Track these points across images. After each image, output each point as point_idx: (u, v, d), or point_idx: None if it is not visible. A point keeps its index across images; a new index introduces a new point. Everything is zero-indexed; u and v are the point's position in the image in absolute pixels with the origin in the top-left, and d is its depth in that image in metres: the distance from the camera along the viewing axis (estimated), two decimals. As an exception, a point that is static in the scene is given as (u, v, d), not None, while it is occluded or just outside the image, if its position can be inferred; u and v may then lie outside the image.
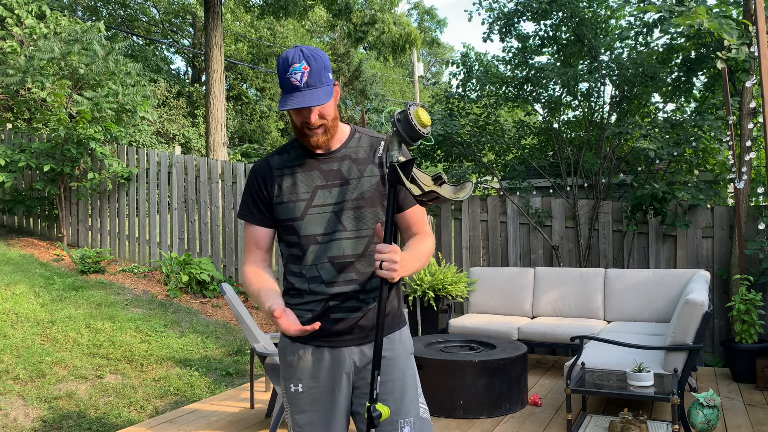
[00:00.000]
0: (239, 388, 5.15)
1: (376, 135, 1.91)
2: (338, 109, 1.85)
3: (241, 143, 24.76)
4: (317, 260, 1.83)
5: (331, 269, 1.83)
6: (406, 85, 34.31)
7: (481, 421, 4.21)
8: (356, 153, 1.86)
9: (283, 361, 1.95)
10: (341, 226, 1.82)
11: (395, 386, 1.88)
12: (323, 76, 1.72)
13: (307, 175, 1.84)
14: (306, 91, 1.70)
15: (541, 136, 7.77)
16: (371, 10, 16.98)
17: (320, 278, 1.83)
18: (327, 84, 1.73)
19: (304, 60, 1.70)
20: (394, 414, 1.86)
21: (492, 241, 6.72)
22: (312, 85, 1.71)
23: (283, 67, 1.72)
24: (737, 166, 5.57)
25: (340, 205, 1.82)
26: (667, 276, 5.43)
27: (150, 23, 24.65)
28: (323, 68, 1.72)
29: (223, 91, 12.50)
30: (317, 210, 1.82)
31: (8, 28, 9.43)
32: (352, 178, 1.83)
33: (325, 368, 1.88)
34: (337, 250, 1.83)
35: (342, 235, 1.83)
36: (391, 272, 1.62)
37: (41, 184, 8.57)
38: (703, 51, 6.31)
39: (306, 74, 1.70)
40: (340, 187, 1.83)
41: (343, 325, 1.85)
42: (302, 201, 1.83)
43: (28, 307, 6.18)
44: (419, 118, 1.63)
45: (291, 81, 1.70)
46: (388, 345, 1.91)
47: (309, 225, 1.83)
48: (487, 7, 7.50)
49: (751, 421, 4.11)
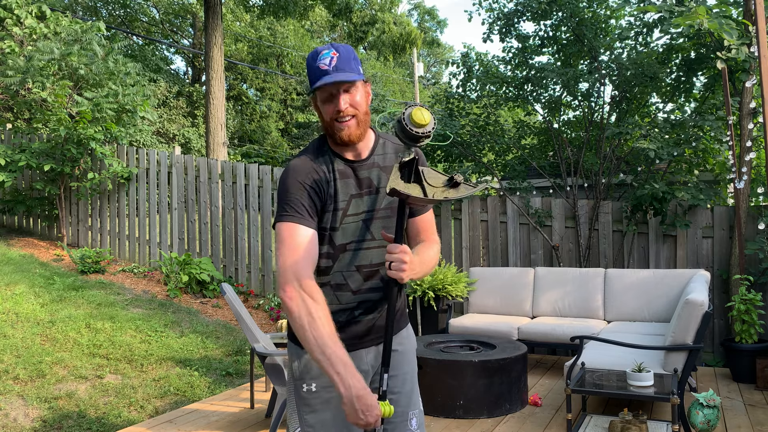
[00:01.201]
0: (239, 388, 5.15)
1: (398, 141, 1.90)
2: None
3: (241, 143, 24.77)
4: (345, 268, 1.82)
5: (359, 277, 1.83)
6: (406, 85, 34.30)
7: (481, 421, 4.21)
8: (383, 160, 1.84)
9: (294, 362, 1.91)
10: (370, 236, 1.82)
11: (406, 379, 1.94)
12: (352, 63, 1.71)
13: (344, 183, 1.79)
14: (336, 73, 1.69)
15: (541, 136, 7.77)
16: (371, 9, 16.99)
17: (347, 286, 1.82)
18: (356, 71, 1.72)
19: (332, 48, 1.71)
20: (405, 406, 1.92)
21: (492, 241, 6.72)
22: (341, 69, 1.69)
23: (312, 57, 1.71)
24: (737, 166, 5.57)
25: (371, 214, 1.81)
26: (667, 276, 5.43)
27: (150, 23, 24.65)
28: (352, 57, 1.72)
29: (223, 91, 12.50)
30: (351, 219, 1.80)
31: (8, 29, 9.43)
32: (382, 186, 1.82)
33: None
34: (365, 259, 1.82)
35: (370, 245, 1.82)
36: (400, 272, 1.62)
37: (41, 184, 8.57)
38: (703, 51, 6.31)
39: (335, 59, 1.69)
40: (370, 196, 1.81)
41: (362, 327, 1.87)
42: (340, 210, 1.79)
43: (28, 307, 6.18)
44: (413, 118, 1.60)
45: (320, 67, 1.69)
46: (399, 340, 1.96)
47: (342, 234, 1.80)
48: (487, 7, 7.50)
49: (751, 421, 4.11)
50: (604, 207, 6.26)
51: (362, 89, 1.75)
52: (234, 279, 7.80)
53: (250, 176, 7.77)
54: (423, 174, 1.65)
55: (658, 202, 5.68)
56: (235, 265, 7.79)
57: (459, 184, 1.65)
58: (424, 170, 1.65)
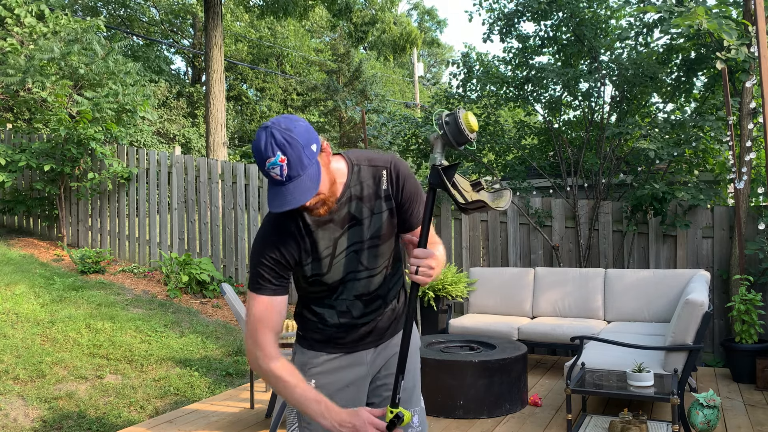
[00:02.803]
0: (239, 388, 5.15)
1: (375, 162, 1.80)
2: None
3: (241, 143, 24.77)
4: (344, 297, 1.85)
5: (360, 304, 1.86)
6: (406, 85, 34.31)
7: (481, 422, 4.21)
8: (360, 191, 1.77)
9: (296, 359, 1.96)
10: (362, 266, 1.82)
11: (408, 378, 1.98)
12: (304, 159, 1.55)
13: (324, 230, 1.76)
14: (290, 184, 1.56)
15: (541, 136, 7.77)
16: (372, 9, 16.99)
17: (350, 313, 1.87)
18: (310, 165, 1.57)
19: (278, 151, 1.53)
20: (406, 403, 1.96)
21: (492, 242, 6.72)
22: (295, 175, 1.55)
23: (259, 159, 1.56)
24: (737, 167, 5.57)
25: (358, 245, 1.80)
26: (667, 276, 5.43)
27: (150, 23, 24.66)
28: (302, 150, 1.55)
29: (223, 91, 12.50)
30: (339, 258, 1.80)
31: (8, 28, 9.43)
32: (364, 217, 1.78)
33: (343, 369, 1.92)
34: (363, 287, 1.84)
35: (364, 275, 1.83)
36: (427, 278, 1.62)
37: (41, 184, 8.57)
38: (703, 51, 6.31)
39: (285, 166, 1.54)
40: (354, 228, 1.79)
41: (363, 332, 1.91)
42: (324, 258, 1.78)
43: (28, 307, 6.18)
44: (468, 122, 1.57)
45: (271, 175, 1.56)
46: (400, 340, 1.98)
47: (334, 273, 1.81)
48: (488, 7, 7.50)
49: (751, 422, 4.11)
50: (604, 207, 6.26)
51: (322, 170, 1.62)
52: (234, 279, 7.79)
53: (250, 176, 7.76)
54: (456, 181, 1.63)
55: (658, 202, 5.67)
56: (235, 265, 7.79)
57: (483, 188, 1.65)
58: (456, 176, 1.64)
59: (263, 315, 1.72)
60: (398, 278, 1.94)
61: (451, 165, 1.61)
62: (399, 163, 1.81)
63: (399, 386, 1.68)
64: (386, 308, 1.92)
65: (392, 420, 1.65)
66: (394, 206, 1.80)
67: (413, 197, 1.80)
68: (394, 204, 1.80)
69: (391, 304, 1.93)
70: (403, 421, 1.65)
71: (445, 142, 1.61)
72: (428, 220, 1.65)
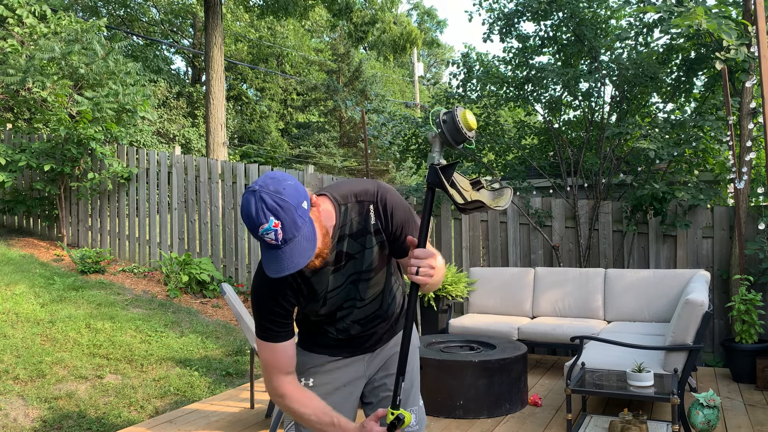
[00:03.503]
0: (239, 388, 5.15)
1: (362, 197, 1.77)
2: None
3: (241, 143, 24.77)
4: (344, 322, 1.89)
5: (357, 327, 1.91)
6: (406, 85, 34.31)
7: (481, 421, 4.21)
8: (350, 228, 1.77)
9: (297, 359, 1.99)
10: (359, 296, 1.85)
11: (406, 378, 2.00)
12: (297, 220, 1.52)
13: (319, 275, 1.78)
14: (286, 247, 1.52)
15: (541, 136, 7.77)
16: (372, 9, 16.99)
17: (348, 332, 1.91)
18: (304, 225, 1.54)
19: (271, 216, 1.49)
20: (404, 404, 1.99)
21: (492, 241, 6.72)
22: (290, 238, 1.52)
23: (251, 225, 1.51)
24: (737, 166, 5.57)
25: (353, 277, 1.82)
26: (667, 276, 5.43)
27: (150, 23, 24.66)
28: (294, 211, 1.52)
29: (223, 91, 12.51)
30: (334, 293, 1.82)
31: (8, 28, 9.43)
32: (356, 252, 1.79)
33: (340, 369, 1.96)
34: (360, 314, 1.89)
35: (362, 304, 1.87)
36: (427, 278, 1.61)
37: (41, 184, 8.57)
38: (702, 51, 6.31)
39: (279, 230, 1.50)
40: (347, 264, 1.80)
41: (361, 342, 1.96)
42: (320, 299, 1.82)
43: (28, 307, 6.18)
44: (466, 120, 1.56)
45: (266, 240, 1.53)
46: (399, 340, 2.03)
47: (329, 306, 1.84)
48: (488, 7, 7.50)
49: (751, 421, 4.11)
50: (604, 207, 6.26)
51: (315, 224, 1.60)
52: (234, 279, 7.79)
53: (250, 176, 7.77)
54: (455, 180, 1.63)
55: (658, 202, 5.67)
56: (235, 265, 7.79)
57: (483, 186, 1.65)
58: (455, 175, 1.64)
59: (271, 360, 1.78)
60: (395, 293, 1.96)
61: (449, 164, 1.60)
62: (385, 193, 1.77)
63: (399, 388, 1.69)
64: (386, 324, 1.97)
65: (393, 422, 1.66)
66: (384, 239, 1.80)
67: (405, 224, 1.79)
68: (384, 237, 1.80)
69: (392, 319, 1.98)
70: (404, 423, 1.66)
71: (443, 140, 1.59)
72: (427, 220, 1.64)
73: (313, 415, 1.76)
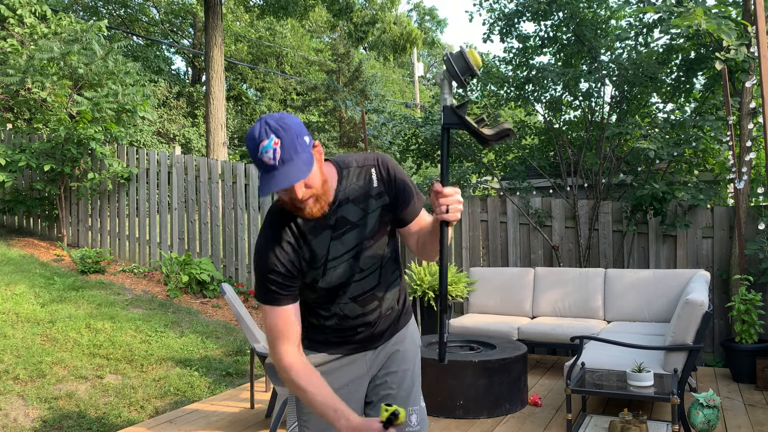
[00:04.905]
0: (239, 388, 5.15)
1: (362, 162, 1.81)
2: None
3: (241, 143, 24.77)
4: (339, 301, 1.85)
5: (356, 306, 1.86)
6: (406, 85, 34.31)
7: (481, 421, 4.21)
8: (352, 192, 1.78)
9: None
10: (359, 269, 1.82)
11: (407, 376, 1.99)
12: (297, 145, 1.57)
13: (319, 238, 1.77)
14: (282, 168, 1.56)
15: (541, 136, 7.77)
16: (372, 9, 16.99)
17: (346, 316, 1.87)
18: (304, 152, 1.59)
19: (272, 134, 1.55)
20: (404, 402, 1.97)
21: (492, 241, 6.72)
22: (288, 159, 1.56)
23: (253, 146, 1.57)
24: (737, 167, 5.57)
25: (355, 250, 1.80)
26: (667, 276, 5.43)
27: (150, 23, 24.66)
28: (295, 137, 1.58)
29: (223, 91, 12.51)
30: (333, 263, 1.80)
31: (9, 29, 9.44)
32: (358, 219, 1.79)
33: (342, 368, 1.94)
34: (359, 289, 1.84)
35: (360, 276, 1.83)
36: (457, 213, 1.63)
37: (41, 184, 8.57)
38: (702, 51, 6.31)
39: (278, 149, 1.55)
40: (351, 232, 1.79)
41: (361, 337, 1.93)
42: (322, 263, 1.79)
43: (28, 307, 6.18)
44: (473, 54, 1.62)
45: (264, 161, 1.56)
46: (399, 339, 2.00)
47: (329, 278, 1.81)
48: (488, 8, 7.50)
49: (751, 421, 4.11)
50: (604, 207, 6.26)
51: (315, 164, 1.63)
52: (234, 279, 7.80)
53: (250, 176, 7.77)
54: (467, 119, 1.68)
55: (658, 202, 5.68)
56: (235, 265, 7.79)
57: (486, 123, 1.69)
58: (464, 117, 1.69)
59: (275, 326, 1.74)
60: (396, 279, 1.94)
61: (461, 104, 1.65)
62: (386, 158, 1.83)
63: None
64: (382, 309, 1.91)
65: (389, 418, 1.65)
66: (387, 202, 1.81)
67: (406, 188, 1.82)
68: (387, 199, 1.81)
69: (388, 304, 1.93)
70: (398, 418, 1.65)
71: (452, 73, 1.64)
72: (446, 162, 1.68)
73: (318, 395, 1.69)
